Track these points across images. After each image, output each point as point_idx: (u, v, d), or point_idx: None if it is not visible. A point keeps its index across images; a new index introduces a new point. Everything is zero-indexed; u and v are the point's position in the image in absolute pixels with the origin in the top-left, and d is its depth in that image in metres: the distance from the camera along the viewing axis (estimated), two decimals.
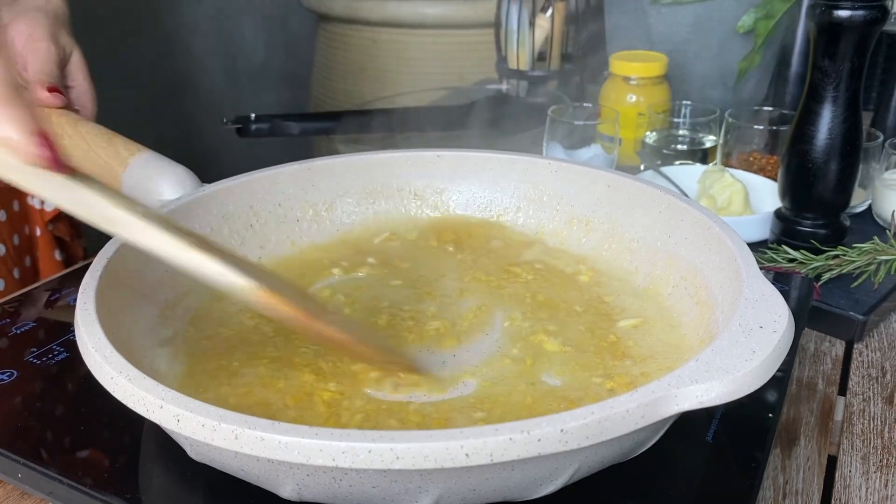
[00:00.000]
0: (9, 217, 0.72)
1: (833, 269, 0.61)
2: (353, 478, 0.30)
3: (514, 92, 1.06)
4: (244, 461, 0.32)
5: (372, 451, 0.28)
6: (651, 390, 0.31)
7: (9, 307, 0.53)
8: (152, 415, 0.31)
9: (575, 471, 0.32)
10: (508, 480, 0.31)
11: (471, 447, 0.28)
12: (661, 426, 0.35)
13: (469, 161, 0.58)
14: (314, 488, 0.32)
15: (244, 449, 0.29)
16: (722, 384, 0.31)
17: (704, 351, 0.33)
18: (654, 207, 0.49)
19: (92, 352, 0.34)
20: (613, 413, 0.29)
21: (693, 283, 0.45)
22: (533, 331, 0.45)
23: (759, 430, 0.40)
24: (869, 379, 0.54)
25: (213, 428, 0.29)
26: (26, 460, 0.39)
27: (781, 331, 0.34)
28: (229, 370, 0.42)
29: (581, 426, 0.29)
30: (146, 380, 0.32)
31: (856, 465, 0.45)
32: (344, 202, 0.57)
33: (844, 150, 0.61)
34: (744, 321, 0.35)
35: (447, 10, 1.54)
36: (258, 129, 0.87)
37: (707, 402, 0.31)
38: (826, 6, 0.57)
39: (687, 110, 0.84)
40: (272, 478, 0.32)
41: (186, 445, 0.35)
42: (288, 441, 0.28)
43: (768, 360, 0.32)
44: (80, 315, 0.37)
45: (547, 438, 0.29)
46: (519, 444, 0.28)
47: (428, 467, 0.28)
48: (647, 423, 0.30)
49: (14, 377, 0.45)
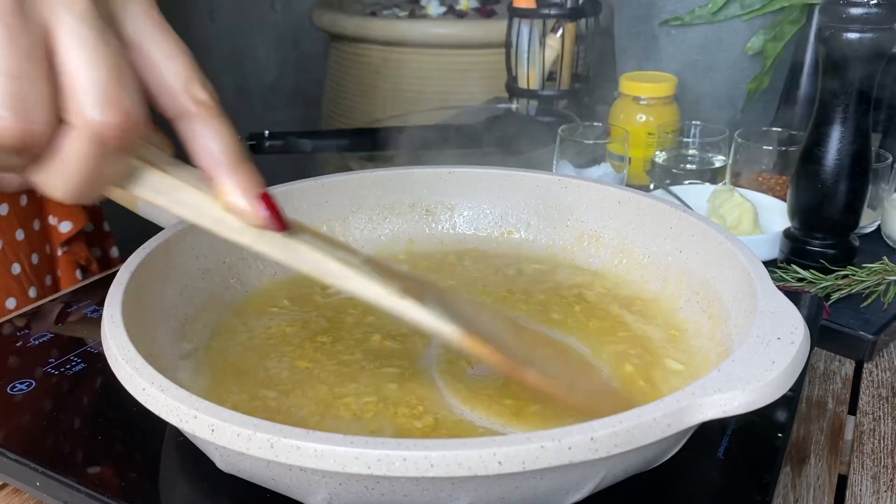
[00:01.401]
0: (27, 236, 0.72)
1: (842, 289, 0.61)
2: (386, 486, 0.31)
3: (523, 111, 1.07)
4: (276, 470, 0.32)
5: (407, 458, 0.28)
6: (676, 399, 0.31)
7: (27, 318, 0.54)
8: (186, 425, 0.31)
9: (601, 479, 0.33)
10: (537, 489, 0.32)
11: (503, 455, 0.29)
12: (683, 436, 0.36)
13: (480, 178, 0.58)
14: (345, 497, 0.32)
15: (279, 458, 0.29)
16: (744, 393, 0.32)
17: (726, 361, 0.34)
18: (664, 223, 0.50)
19: (123, 364, 0.34)
20: (641, 422, 0.30)
21: (705, 297, 0.45)
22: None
23: (770, 448, 0.41)
24: (879, 398, 0.54)
25: (249, 437, 0.30)
26: (45, 469, 0.39)
27: (798, 342, 0.35)
28: (255, 381, 0.42)
29: (610, 434, 0.30)
30: (178, 390, 0.32)
31: (866, 485, 0.46)
32: (357, 218, 0.58)
33: (853, 171, 0.61)
34: (761, 333, 0.35)
35: (458, 30, 1.56)
36: (272, 146, 0.88)
37: (731, 412, 0.32)
38: (835, 29, 0.58)
39: (696, 130, 0.85)
40: (304, 487, 0.32)
41: (216, 456, 0.35)
42: (323, 449, 0.29)
43: (788, 370, 0.33)
44: (108, 327, 0.37)
45: (577, 447, 0.29)
46: (550, 451, 0.29)
47: (461, 475, 0.29)
48: (673, 431, 0.31)
49: (32, 387, 0.46)
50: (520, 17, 1.03)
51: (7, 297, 0.70)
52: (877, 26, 0.57)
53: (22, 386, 0.46)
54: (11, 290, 0.70)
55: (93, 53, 0.29)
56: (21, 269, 0.71)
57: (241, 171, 0.33)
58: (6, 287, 0.70)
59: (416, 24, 1.59)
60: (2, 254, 0.69)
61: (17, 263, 0.71)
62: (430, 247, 0.58)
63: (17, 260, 0.71)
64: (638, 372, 0.43)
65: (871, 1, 0.57)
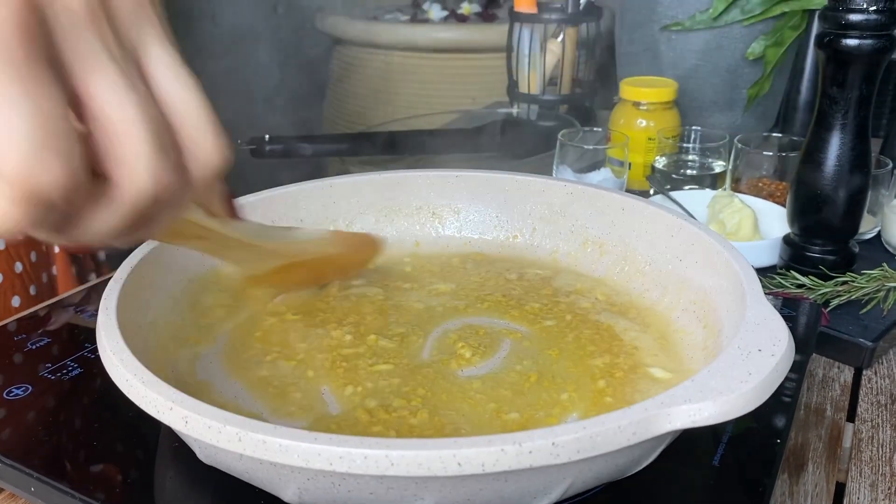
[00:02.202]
0: (26, 235, 0.73)
1: (842, 296, 0.61)
2: (351, 483, 0.31)
3: (524, 115, 1.07)
4: (248, 464, 0.33)
5: (367, 457, 0.29)
6: (644, 408, 0.31)
7: (24, 323, 0.54)
8: (163, 416, 0.32)
9: (568, 486, 0.33)
10: (502, 492, 0.32)
11: (463, 457, 0.29)
12: (657, 444, 0.36)
13: (487, 182, 0.59)
14: (315, 492, 0.32)
15: (247, 451, 0.30)
16: (715, 405, 0.32)
17: (700, 372, 0.34)
18: (666, 231, 0.50)
19: (110, 355, 0.36)
20: (605, 429, 0.30)
21: (702, 306, 0.45)
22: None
23: (767, 455, 0.41)
24: (878, 406, 0.53)
25: (219, 430, 0.31)
26: (39, 474, 0.39)
27: (780, 354, 0.34)
28: (258, 378, 0.43)
29: (572, 440, 0.29)
30: (160, 384, 0.33)
31: (864, 493, 0.45)
32: (364, 219, 0.58)
33: (853, 177, 0.61)
34: (743, 344, 0.35)
35: (460, 35, 1.56)
36: (272, 150, 0.88)
37: (700, 422, 0.32)
38: (835, 35, 0.58)
39: (697, 135, 0.85)
40: (275, 481, 0.33)
41: (196, 448, 0.36)
42: (287, 444, 0.30)
43: (764, 383, 0.33)
44: (102, 319, 0.38)
45: (538, 451, 0.29)
46: (510, 455, 0.29)
47: (421, 475, 0.29)
48: (639, 439, 0.31)
49: (29, 392, 0.46)
50: (521, 21, 1.04)
51: (12, 295, 0.71)
52: (876, 32, 0.57)
53: (18, 391, 0.46)
54: (16, 288, 0.72)
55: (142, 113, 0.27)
56: (23, 267, 0.72)
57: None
58: (11, 286, 0.71)
59: (418, 29, 1.60)
60: (5, 253, 0.70)
61: (19, 262, 0.72)
62: (435, 249, 0.58)
63: (19, 258, 0.72)
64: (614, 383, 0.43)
65: (870, 7, 0.56)
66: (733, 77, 0.89)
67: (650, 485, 0.36)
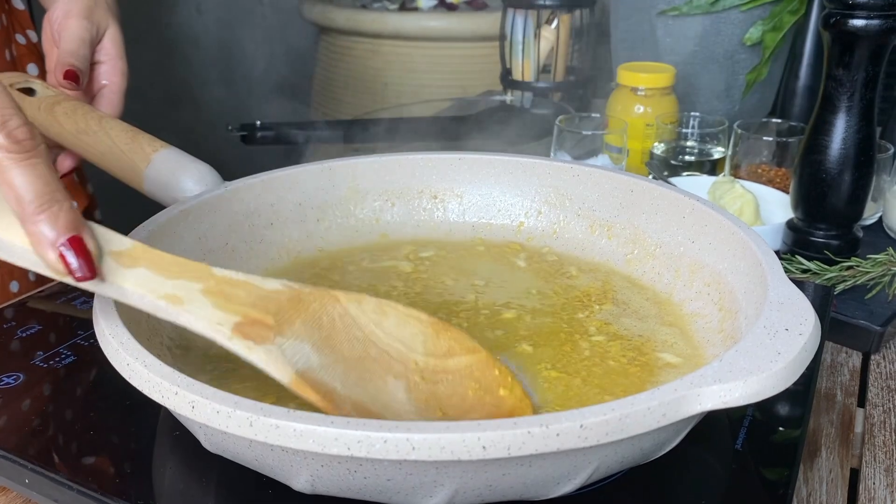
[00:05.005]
0: None
1: (847, 280, 0.60)
2: (368, 469, 0.29)
3: (518, 103, 1.06)
4: (258, 450, 0.31)
5: (388, 440, 0.27)
6: (674, 388, 0.30)
7: (14, 310, 0.52)
8: (167, 401, 0.31)
9: (594, 470, 0.32)
10: (525, 477, 0.30)
11: (488, 440, 0.27)
12: (683, 427, 0.34)
13: (490, 164, 0.57)
14: (328, 480, 0.31)
15: (259, 437, 0.28)
16: (746, 384, 0.31)
17: (728, 351, 0.32)
18: (677, 213, 0.49)
19: (109, 338, 0.34)
20: (634, 410, 0.29)
21: (717, 288, 0.44)
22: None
23: (787, 443, 0.40)
24: (888, 390, 0.53)
25: (228, 415, 0.29)
26: (34, 465, 0.37)
27: (808, 333, 0.33)
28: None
29: (601, 422, 0.28)
30: (162, 366, 0.32)
31: (879, 478, 0.45)
32: (365, 202, 0.57)
33: (858, 161, 0.60)
34: (769, 323, 0.34)
35: (449, 23, 1.55)
36: (263, 137, 0.86)
37: (731, 403, 0.31)
38: (841, 15, 0.57)
39: (695, 121, 0.84)
40: (286, 468, 0.31)
41: (201, 435, 0.35)
42: (303, 429, 0.28)
43: (794, 363, 0.32)
44: (99, 304, 0.36)
45: (566, 433, 0.28)
46: (537, 437, 0.28)
47: (444, 458, 0.28)
48: (669, 421, 0.30)
49: (20, 381, 0.44)
50: (514, 7, 1.02)
51: (11, 280, 0.70)
52: (882, 13, 0.56)
53: (9, 380, 0.44)
54: (14, 273, 0.71)
55: None
56: None
57: (45, 219, 0.31)
58: (10, 271, 0.70)
59: (407, 17, 1.58)
60: None
61: None
62: (438, 234, 0.57)
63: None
64: (634, 363, 0.42)
65: None
66: (731, 62, 0.88)
67: (671, 470, 0.35)
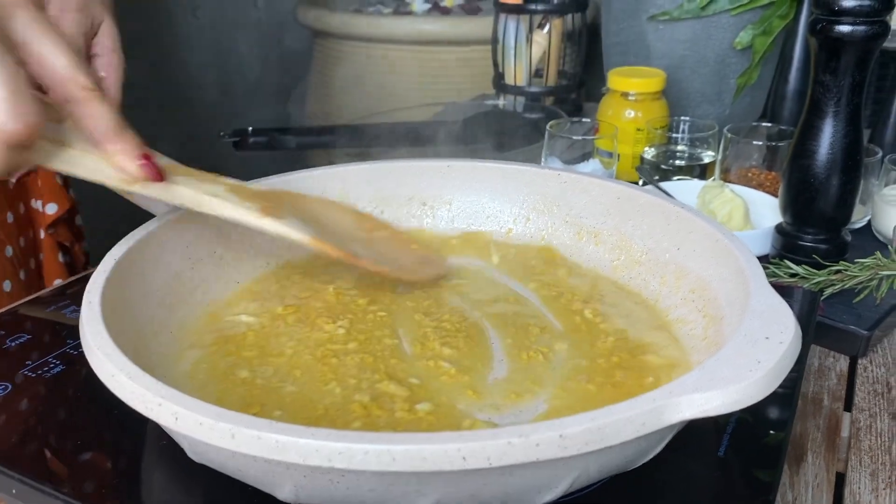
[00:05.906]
0: (15, 219, 0.73)
1: (835, 284, 0.61)
2: (351, 480, 0.30)
3: (510, 107, 1.06)
4: (241, 461, 0.31)
5: (369, 452, 0.28)
6: (653, 398, 0.30)
7: (3, 319, 0.52)
8: (151, 412, 0.31)
9: (575, 478, 0.32)
10: (507, 486, 0.31)
11: (468, 450, 0.28)
12: (664, 435, 0.35)
13: (478, 171, 0.57)
14: (311, 490, 0.31)
15: (241, 448, 0.29)
16: (725, 393, 0.31)
17: (708, 360, 0.33)
18: (663, 219, 0.49)
19: (94, 349, 0.34)
20: (614, 420, 0.29)
21: (702, 295, 0.44)
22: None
23: (772, 447, 0.40)
24: (875, 395, 0.53)
25: (210, 426, 0.29)
26: (22, 475, 0.38)
27: (787, 341, 0.33)
28: (253, 374, 0.41)
29: (581, 432, 0.28)
30: (145, 377, 0.32)
31: (865, 482, 0.45)
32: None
33: (846, 165, 0.61)
34: (750, 332, 0.34)
35: (443, 27, 1.55)
36: (255, 143, 0.86)
37: (710, 412, 0.31)
38: (828, 21, 0.57)
39: (685, 126, 0.84)
40: (269, 479, 0.32)
41: (185, 445, 0.35)
42: (284, 441, 0.28)
43: (774, 371, 0.32)
44: (85, 312, 0.36)
45: (545, 443, 0.28)
46: (517, 448, 0.28)
47: (425, 470, 0.28)
48: (649, 430, 0.30)
49: (8, 390, 0.44)
50: (506, 12, 1.02)
51: (3, 279, 0.70)
52: (868, 19, 0.57)
53: None
54: (6, 273, 0.71)
55: None
56: (13, 251, 0.72)
57: (122, 140, 0.41)
58: (2, 270, 0.70)
59: (401, 21, 1.58)
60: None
61: (10, 246, 0.72)
62: (427, 241, 0.57)
63: (10, 242, 0.72)
64: (619, 370, 0.42)
65: None
66: (721, 67, 0.88)
67: (656, 477, 0.36)
